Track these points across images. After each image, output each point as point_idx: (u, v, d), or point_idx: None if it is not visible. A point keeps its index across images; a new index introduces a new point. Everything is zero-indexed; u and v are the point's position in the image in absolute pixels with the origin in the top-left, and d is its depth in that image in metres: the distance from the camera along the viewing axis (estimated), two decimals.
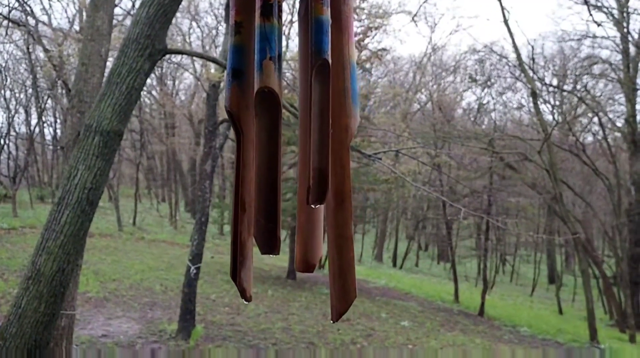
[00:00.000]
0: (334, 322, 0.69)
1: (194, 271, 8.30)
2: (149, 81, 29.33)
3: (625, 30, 16.59)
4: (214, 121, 9.15)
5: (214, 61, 5.74)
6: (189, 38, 25.86)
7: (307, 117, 0.60)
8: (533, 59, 15.48)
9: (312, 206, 0.60)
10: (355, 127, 0.63)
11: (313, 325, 10.21)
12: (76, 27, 19.07)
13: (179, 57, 22.55)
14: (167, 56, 21.21)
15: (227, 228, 24.90)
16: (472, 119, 22.97)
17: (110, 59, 6.57)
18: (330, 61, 0.61)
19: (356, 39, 14.34)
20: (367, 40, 16.49)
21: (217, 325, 9.30)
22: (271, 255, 0.60)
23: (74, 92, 4.99)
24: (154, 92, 29.61)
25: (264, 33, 0.63)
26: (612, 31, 19.29)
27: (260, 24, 0.63)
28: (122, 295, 10.65)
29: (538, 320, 15.75)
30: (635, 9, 16.90)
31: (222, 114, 15.77)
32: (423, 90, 26.39)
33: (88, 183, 3.58)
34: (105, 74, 4.75)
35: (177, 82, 33.38)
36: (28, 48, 19.17)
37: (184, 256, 15.58)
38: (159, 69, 27.18)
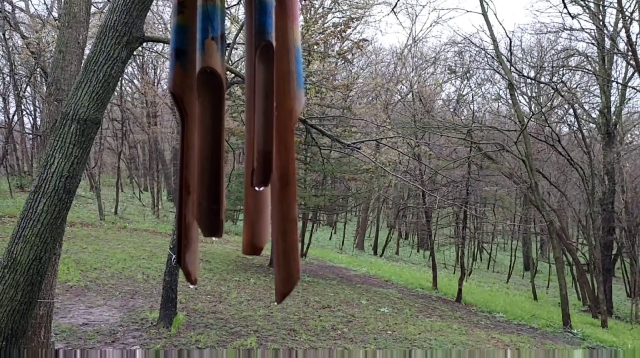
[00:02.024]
0: (278, 303, 0.73)
1: (175, 259, 8.36)
2: (130, 69, 28.97)
3: (601, 23, 16.90)
4: None
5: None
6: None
7: (251, 99, 0.61)
8: (511, 51, 15.70)
9: (257, 188, 0.61)
10: (300, 110, 0.63)
11: (294, 312, 10.35)
12: (55, 13, 18.76)
13: (160, 45, 22.33)
14: (149, 45, 20.96)
15: None
16: (452, 110, 23.22)
17: (89, 46, 6.54)
18: (274, 43, 0.61)
19: (338, 29, 14.39)
20: (348, 31, 16.55)
21: (199, 313, 9.38)
22: (214, 238, 0.62)
23: (51, 79, 4.99)
24: (135, 81, 29.29)
25: (206, 12, 0.62)
26: (589, 24, 19.63)
27: (203, 3, 0.62)
28: (104, 284, 10.66)
29: (513, 306, 16.15)
30: (610, 2, 17.22)
31: None
32: (404, 81, 26.56)
33: (65, 171, 3.61)
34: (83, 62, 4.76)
35: (158, 71, 33.03)
36: (4, 34, 18.81)
37: (166, 245, 15.59)
38: (140, 57, 26.89)
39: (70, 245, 14.14)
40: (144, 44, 17.57)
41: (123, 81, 25.78)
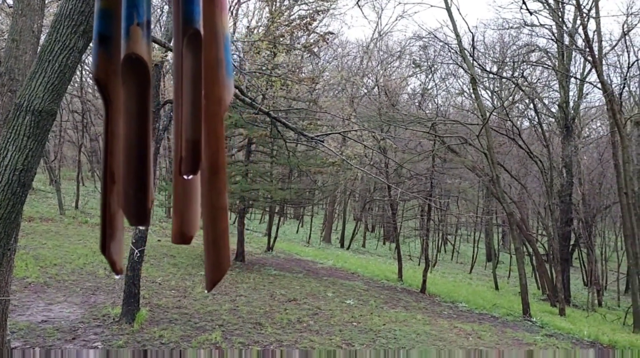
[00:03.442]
0: (207, 291, 0.72)
1: (138, 254, 8.23)
2: (91, 59, 28.18)
3: (560, 19, 17.37)
4: (157, 102, 8.99)
5: (154, 40, 5.65)
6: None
7: (179, 88, 0.60)
8: (473, 47, 16.00)
9: (186, 177, 0.61)
10: (229, 99, 0.62)
11: (260, 306, 10.35)
12: (9, 0, 18.04)
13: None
14: None
15: None
16: (417, 104, 23.52)
17: (45, 35, 6.33)
18: (202, 31, 0.60)
19: (304, 22, 14.34)
20: (314, 24, 16.51)
21: (163, 308, 9.27)
22: (141, 227, 0.61)
23: (4, 69, 4.82)
24: None
25: None
26: (549, 20, 20.17)
27: None
28: (64, 280, 10.40)
29: (475, 296, 16.55)
30: None
31: (168, 95, 15.46)
32: (370, 74, 26.72)
33: (19, 164, 3.51)
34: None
35: None
36: None
37: (128, 239, 15.28)
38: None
39: (29, 240, 13.73)
40: None
41: (83, 72, 25.05)
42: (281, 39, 13.08)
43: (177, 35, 0.61)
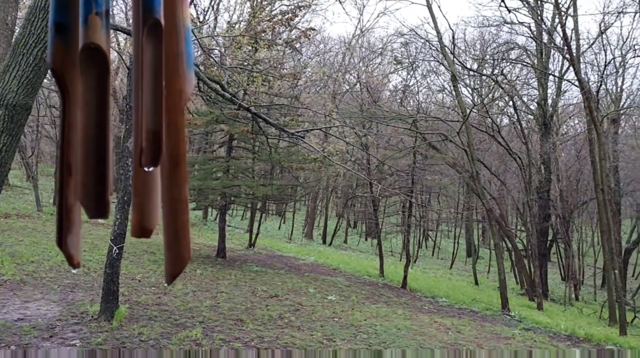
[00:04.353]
0: (167, 285, 0.71)
1: (116, 251, 8.14)
2: None
3: (539, 17, 17.60)
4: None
5: (122, 30, 5.58)
6: (112, 10, 24.63)
7: (139, 79, 0.59)
8: (454, 44, 16.12)
9: (146, 169, 0.60)
10: (190, 92, 0.62)
11: (242, 302, 10.32)
12: None
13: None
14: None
15: None
16: (399, 100, 23.64)
17: (19, 28, 6.21)
18: (162, 21, 0.59)
19: (285, 17, 14.30)
20: (296, 20, 16.47)
21: (143, 305, 9.18)
22: (101, 219, 0.62)
23: None
24: None
25: None
26: (528, 18, 20.42)
27: None
28: (41, 277, 10.24)
29: (455, 291, 16.74)
30: None
31: None
32: (352, 71, 26.77)
33: None
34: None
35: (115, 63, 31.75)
36: None
37: (107, 236, 15.09)
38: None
39: (5, 237, 13.48)
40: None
41: None
42: (262, 35, 13.03)
43: (136, 24, 0.60)
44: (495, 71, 20.58)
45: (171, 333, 7.80)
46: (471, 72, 20.93)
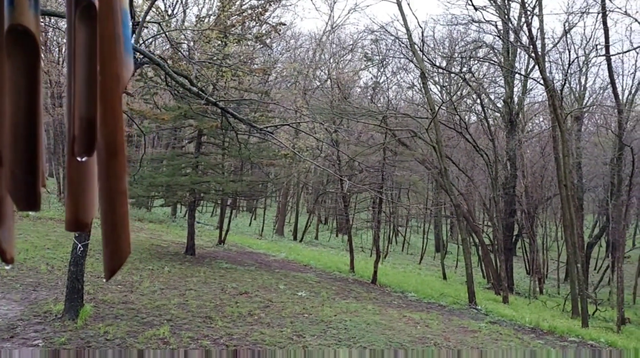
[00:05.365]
0: (106, 280, 0.68)
1: (81, 248, 7.95)
2: None
3: (505, 16, 17.93)
4: None
5: (51, 13, 5.41)
6: None
7: (72, 63, 0.57)
8: (423, 41, 16.30)
9: (80, 158, 0.57)
10: (128, 77, 0.59)
11: (211, 300, 10.22)
12: None
13: (64, 21, 20.80)
14: (52, 21, 19.49)
15: None
16: (369, 97, 23.77)
17: None
18: (96, 3, 0.57)
19: (255, 12, 14.18)
20: (266, 14, 16.34)
21: (109, 304, 9.00)
22: (31, 212, 0.59)
23: None
24: None
25: None
26: (495, 17, 20.80)
27: None
28: (2, 276, 9.93)
29: (424, 286, 16.97)
30: None
31: None
32: (322, 67, 26.78)
33: None
34: None
35: (64, 49, 30.89)
36: None
37: (72, 233, 14.72)
38: (43, 34, 24.97)
39: None
40: (46, 20, 16.32)
41: None
42: (232, 29, 12.90)
43: (69, 7, 0.57)
44: (464, 69, 20.90)
45: (138, 331, 7.67)
46: (440, 70, 21.21)
